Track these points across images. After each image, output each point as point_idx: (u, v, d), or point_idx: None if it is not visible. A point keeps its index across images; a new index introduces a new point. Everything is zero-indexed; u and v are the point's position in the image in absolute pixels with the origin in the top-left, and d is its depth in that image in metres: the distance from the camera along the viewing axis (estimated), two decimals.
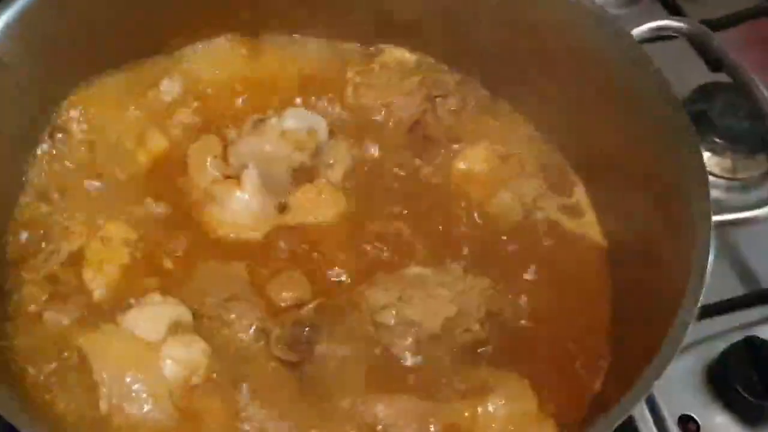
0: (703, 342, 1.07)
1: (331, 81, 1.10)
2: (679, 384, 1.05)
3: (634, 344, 0.86)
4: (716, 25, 1.32)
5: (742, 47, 1.16)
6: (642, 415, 1.03)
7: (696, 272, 0.80)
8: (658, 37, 1.21)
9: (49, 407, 0.82)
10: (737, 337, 1.04)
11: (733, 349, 1.02)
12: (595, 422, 0.70)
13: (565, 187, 1.06)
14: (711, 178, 1.23)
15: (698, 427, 1.02)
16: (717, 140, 1.26)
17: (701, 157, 0.90)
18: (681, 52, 1.23)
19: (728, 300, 1.14)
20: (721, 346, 1.04)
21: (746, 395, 0.99)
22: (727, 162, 1.27)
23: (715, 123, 1.27)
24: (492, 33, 1.06)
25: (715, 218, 0.85)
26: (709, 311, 1.11)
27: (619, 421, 0.71)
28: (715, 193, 0.90)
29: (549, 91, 1.06)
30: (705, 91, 1.31)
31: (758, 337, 1.03)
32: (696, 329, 1.07)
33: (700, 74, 1.23)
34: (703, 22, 1.06)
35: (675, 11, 1.38)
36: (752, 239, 1.21)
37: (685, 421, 1.03)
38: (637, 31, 0.99)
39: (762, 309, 1.13)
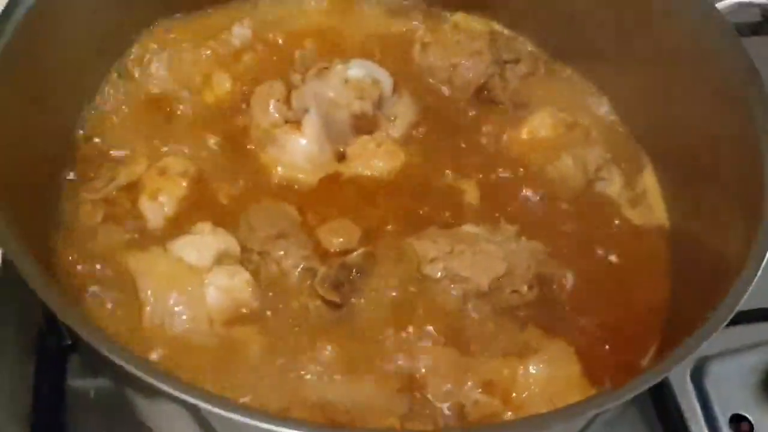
0: (762, 345, 1.03)
1: (401, 39, 1.09)
2: (734, 384, 1.01)
3: (686, 326, 0.83)
4: None
5: None
6: (693, 412, 1.00)
7: (755, 257, 0.76)
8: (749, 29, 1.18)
9: (93, 319, 0.82)
10: None
11: None
12: (632, 381, 0.66)
13: (631, 163, 1.03)
14: None
15: (751, 427, 0.98)
16: None
17: None
18: None
19: None
20: None
21: None
22: None
23: None
24: (572, 3, 1.04)
25: None
26: None
27: (656, 381, 0.68)
28: None
29: (626, 66, 1.03)
30: None
31: None
32: (758, 331, 1.05)
33: None
34: None
35: None
36: None
37: (738, 420, 0.99)
38: (722, 5, 0.96)
39: None
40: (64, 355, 0.97)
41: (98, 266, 0.87)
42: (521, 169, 0.99)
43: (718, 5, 0.94)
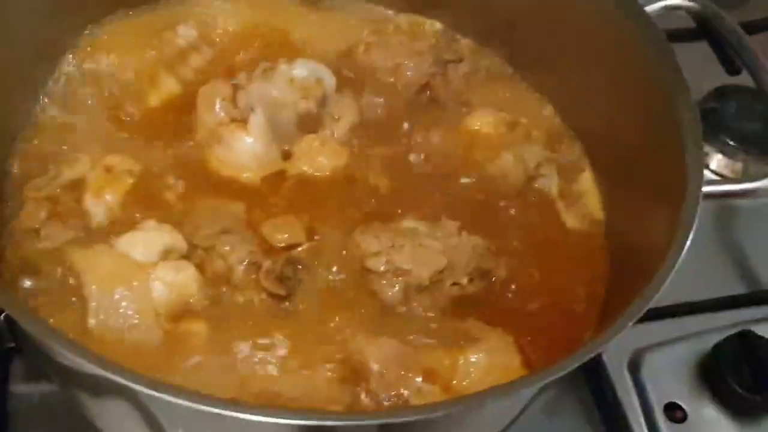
0: (697, 335, 1.07)
1: (345, 39, 1.11)
2: (669, 373, 1.05)
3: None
4: (751, 28, 1.30)
5: None
6: (630, 401, 1.03)
7: (679, 242, 0.80)
8: (680, 37, 1.22)
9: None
10: (733, 333, 1.04)
11: (726, 341, 1.02)
12: (564, 360, 0.69)
13: (570, 162, 1.06)
14: (720, 180, 1.24)
15: (685, 415, 1.02)
16: (729, 141, 1.27)
17: (700, 139, 0.89)
18: (702, 55, 1.23)
19: (727, 297, 1.14)
20: (715, 340, 1.04)
21: (736, 387, 0.99)
22: (738, 164, 1.27)
23: (728, 124, 1.27)
24: (514, 5, 1.08)
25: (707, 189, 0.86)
26: (707, 307, 1.13)
27: (590, 356, 0.71)
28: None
29: (566, 69, 1.07)
30: (721, 93, 1.31)
31: (752, 332, 1.02)
32: (692, 323, 1.09)
33: (718, 79, 1.24)
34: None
35: None
36: (757, 239, 1.22)
37: (672, 409, 1.02)
38: (651, 8, 1.00)
39: (761, 309, 1.13)
40: (6, 360, 0.96)
41: (43, 265, 0.87)
42: (463, 167, 1.02)
43: (647, 8, 0.98)
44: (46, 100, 1.01)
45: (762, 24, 1.38)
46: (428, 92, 1.08)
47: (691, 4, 1.02)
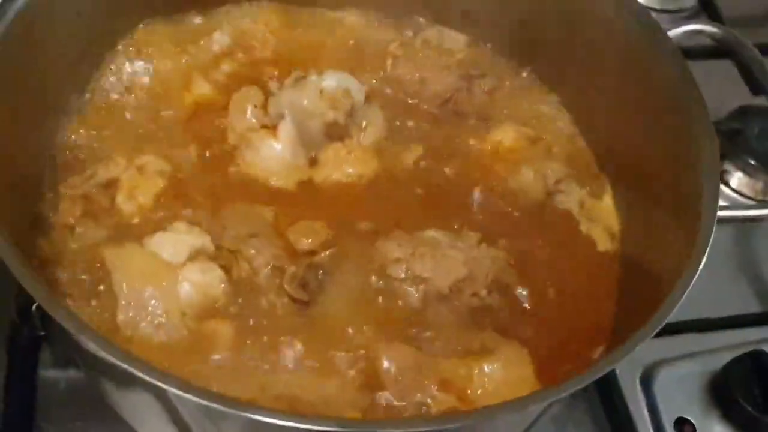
0: (710, 353, 1.08)
1: (374, 51, 1.14)
2: (681, 389, 1.06)
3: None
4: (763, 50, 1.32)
5: None
6: (641, 414, 1.04)
7: (692, 264, 0.81)
8: (706, 54, 1.24)
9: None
10: (745, 351, 1.05)
11: (737, 360, 1.04)
12: (574, 378, 0.71)
13: (590, 179, 1.08)
14: (741, 198, 1.25)
15: (694, 429, 1.03)
16: (751, 161, 1.27)
17: (718, 168, 0.91)
18: (727, 73, 1.24)
19: (741, 315, 1.15)
20: (727, 358, 1.05)
21: (746, 407, 1.00)
22: (759, 184, 1.28)
23: (751, 144, 1.28)
24: (539, 23, 1.10)
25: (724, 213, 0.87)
26: (721, 324, 1.13)
27: (599, 375, 0.73)
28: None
29: (589, 88, 1.09)
30: (744, 113, 1.32)
31: (764, 351, 1.04)
32: (705, 339, 1.10)
33: (743, 97, 1.25)
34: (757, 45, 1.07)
35: None
36: None
37: (682, 423, 1.03)
38: (673, 33, 1.01)
39: None
40: (35, 347, 0.99)
41: (76, 260, 0.90)
42: (484, 180, 1.04)
43: (670, 33, 0.99)
44: (86, 98, 1.04)
45: None
46: (453, 105, 1.10)
47: (713, 29, 1.04)
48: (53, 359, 1.00)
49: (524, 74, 1.14)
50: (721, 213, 0.86)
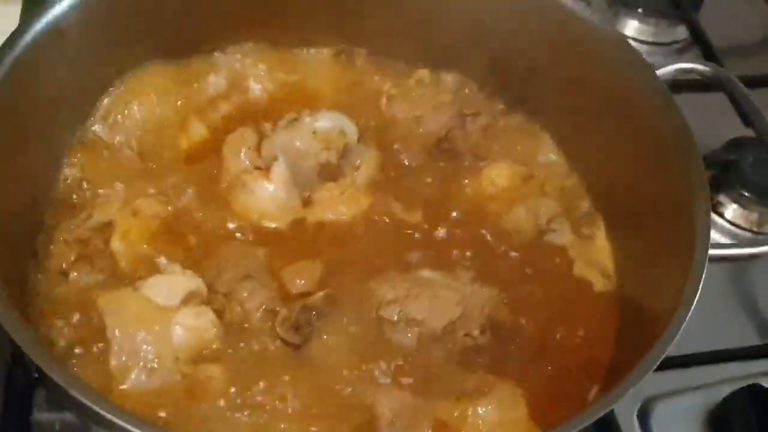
0: (709, 386, 1.08)
1: (368, 91, 1.15)
2: (679, 423, 1.06)
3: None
4: (755, 82, 1.32)
5: None
6: None
7: (685, 302, 0.82)
8: (699, 87, 1.25)
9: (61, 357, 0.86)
10: (744, 385, 1.05)
11: (736, 394, 1.03)
12: (572, 419, 0.71)
13: (583, 217, 1.08)
14: (736, 230, 1.26)
15: None
16: (745, 193, 1.27)
17: (708, 206, 0.91)
18: (721, 104, 1.25)
19: (739, 348, 1.15)
20: (725, 391, 1.05)
21: None
22: (754, 215, 1.28)
23: (745, 175, 1.28)
24: (531, 62, 1.10)
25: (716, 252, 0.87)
26: (719, 357, 1.13)
27: (591, 421, 0.73)
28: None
29: (582, 125, 1.09)
30: (738, 144, 1.32)
31: (762, 386, 1.03)
32: (704, 373, 1.10)
33: (738, 128, 1.25)
34: (744, 78, 1.07)
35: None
36: None
37: None
38: (664, 71, 1.02)
39: None
40: (30, 389, 0.99)
41: (69, 306, 0.90)
42: (477, 219, 1.04)
43: (659, 72, 1.00)
44: (81, 141, 1.04)
45: None
46: (447, 144, 1.10)
47: (702, 68, 1.04)
48: (48, 401, 0.99)
49: (516, 113, 1.14)
50: (714, 252, 0.87)
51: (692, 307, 0.81)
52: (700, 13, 1.53)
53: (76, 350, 0.88)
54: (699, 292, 0.83)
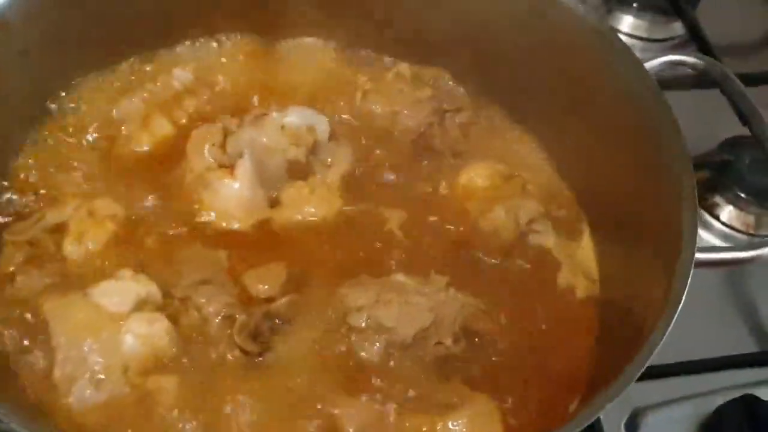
0: (700, 396, 1.04)
1: (342, 85, 1.10)
2: None
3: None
4: (753, 79, 1.27)
5: None
6: None
7: (670, 308, 0.77)
8: (693, 83, 1.20)
9: (5, 369, 0.81)
10: (737, 395, 1.01)
11: (729, 405, 1.00)
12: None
13: (567, 219, 1.03)
14: (732, 233, 1.21)
15: None
16: (741, 194, 1.23)
17: (695, 207, 0.86)
18: (716, 103, 1.20)
19: (733, 356, 1.10)
20: (718, 401, 1.01)
21: None
22: (750, 217, 1.24)
23: (742, 176, 1.24)
24: (515, 59, 1.06)
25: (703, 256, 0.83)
26: (711, 366, 1.08)
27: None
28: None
29: (564, 122, 1.04)
30: (734, 144, 1.28)
31: (754, 396, 1.00)
32: (695, 382, 1.06)
33: (735, 127, 1.21)
34: (741, 75, 1.02)
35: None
36: (766, 297, 1.18)
37: None
38: (651, 64, 0.97)
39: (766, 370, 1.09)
40: None
41: (15, 312, 0.85)
42: (455, 220, 0.99)
43: (647, 65, 0.95)
44: (35, 140, 1.00)
45: None
46: (425, 141, 1.05)
47: (694, 60, 0.99)
48: None
49: (498, 109, 1.09)
50: (708, 255, 0.83)
51: (677, 312, 0.76)
52: (697, 10, 1.48)
53: (21, 359, 0.82)
54: (685, 296, 0.78)
